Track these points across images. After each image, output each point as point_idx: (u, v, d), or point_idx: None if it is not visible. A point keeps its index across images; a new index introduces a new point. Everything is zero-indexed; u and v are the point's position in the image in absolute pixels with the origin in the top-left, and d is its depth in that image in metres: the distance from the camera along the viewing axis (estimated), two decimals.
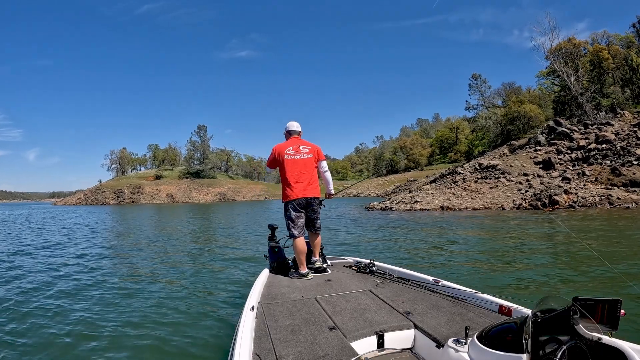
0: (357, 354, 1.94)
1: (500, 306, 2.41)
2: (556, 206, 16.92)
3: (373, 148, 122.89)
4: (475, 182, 22.36)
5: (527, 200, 17.93)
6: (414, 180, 67.31)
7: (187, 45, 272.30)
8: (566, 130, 29.49)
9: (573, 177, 21.05)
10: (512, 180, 21.82)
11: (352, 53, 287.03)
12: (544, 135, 31.25)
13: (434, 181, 41.40)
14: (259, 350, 2.02)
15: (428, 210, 18.96)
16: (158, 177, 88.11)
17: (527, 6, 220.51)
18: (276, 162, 3.80)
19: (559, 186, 19.32)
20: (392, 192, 66.07)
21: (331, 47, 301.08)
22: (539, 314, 1.46)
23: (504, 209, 17.53)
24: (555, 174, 22.25)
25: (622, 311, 1.48)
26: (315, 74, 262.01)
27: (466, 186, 21.80)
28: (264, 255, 4.10)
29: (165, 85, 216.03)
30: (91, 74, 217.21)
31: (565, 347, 1.39)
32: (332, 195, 4.08)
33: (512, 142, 38.35)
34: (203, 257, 8.40)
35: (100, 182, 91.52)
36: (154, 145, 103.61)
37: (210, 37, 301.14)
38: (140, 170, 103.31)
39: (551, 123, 32.51)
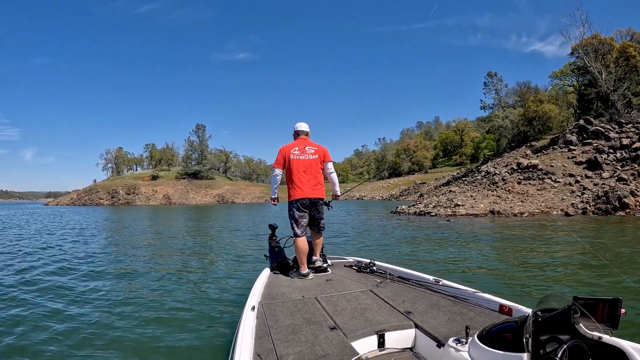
0: (358, 354, 1.90)
1: (501, 305, 2.33)
2: (627, 210, 14.63)
3: (374, 150, 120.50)
4: (519, 183, 20.04)
5: (591, 204, 15.59)
6: (423, 183, 65.05)
7: (186, 45, 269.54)
8: (600, 129, 27.55)
9: (629, 178, 18.81)
10: (559, 182, 19.54)
11: (350, 56, 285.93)
12: (574, 134, 29.35)
13: (447, 184, 39.36)
14: (259, 350, 1.99)
15: (475, 215, 16.51)
16: (154, 178, 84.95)
17: (524, 10, 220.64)
18: (284, 162, 3.74)
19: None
20: (399, 195, 63.80)
21: (328, 49, 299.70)
22: (539, 313, 1.44)
23: (568, 214, 15.15)
24: (605, 174, 20.05)
25: (623, 310, 1.44)
26: (314, 76, 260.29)
27: (509, 188, 19.45)
28: (265, 255, 4.03)
29: (163, 84, 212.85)
30: (89, 72, 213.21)
31: (565, 346, 1.37)
32: (339, 196, 3.95)
33: (533, 142, 36.45)
34: (203, 257, 8.14)
35: (95, 181, 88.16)
36: (151, 145, 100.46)
37: (208, 38, 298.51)
38: (136, 170, 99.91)
39: (581, 122, 30.60)
